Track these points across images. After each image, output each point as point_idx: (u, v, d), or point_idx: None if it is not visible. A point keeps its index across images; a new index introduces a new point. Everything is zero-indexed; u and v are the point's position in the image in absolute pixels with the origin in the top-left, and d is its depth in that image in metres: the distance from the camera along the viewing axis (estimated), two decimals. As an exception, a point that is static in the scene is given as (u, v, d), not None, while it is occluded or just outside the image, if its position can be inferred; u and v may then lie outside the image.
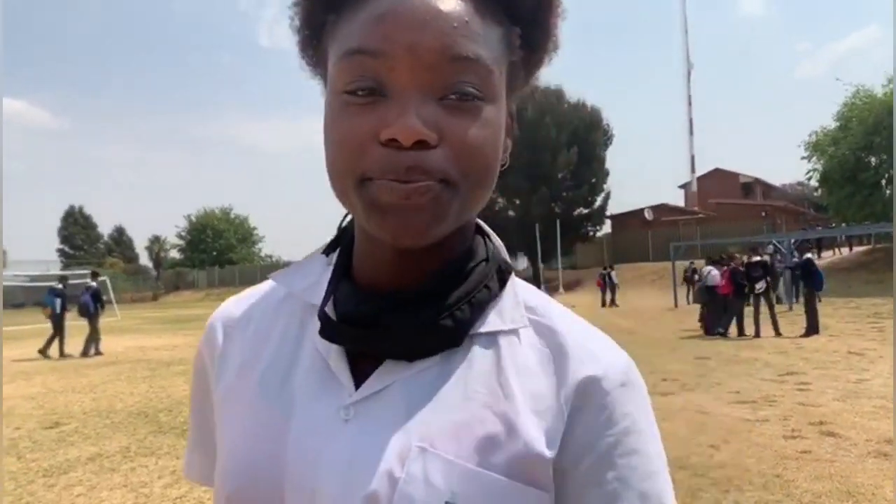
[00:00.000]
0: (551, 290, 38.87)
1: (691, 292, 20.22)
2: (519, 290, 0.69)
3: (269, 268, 66.25)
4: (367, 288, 0.66)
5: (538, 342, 0.66)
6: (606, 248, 48.13)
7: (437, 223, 0.58)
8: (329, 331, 0.64)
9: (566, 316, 0.70)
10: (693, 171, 56.58)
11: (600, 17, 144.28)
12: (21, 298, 59.50)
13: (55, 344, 14.84)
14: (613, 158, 55.56)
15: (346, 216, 0.73)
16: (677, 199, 57.05)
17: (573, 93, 47.04)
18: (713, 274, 15.23)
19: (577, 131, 43.66)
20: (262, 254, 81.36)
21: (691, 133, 57.19)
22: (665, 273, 29.81)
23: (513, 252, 51.81)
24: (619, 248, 46.71)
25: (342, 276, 0.68)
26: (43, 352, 14.61)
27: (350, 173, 0.58)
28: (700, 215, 47.31)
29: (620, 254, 44.76)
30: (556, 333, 0.67)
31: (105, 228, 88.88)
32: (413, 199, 0.56)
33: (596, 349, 0.68)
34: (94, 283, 16.63)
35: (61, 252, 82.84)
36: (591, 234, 47.75)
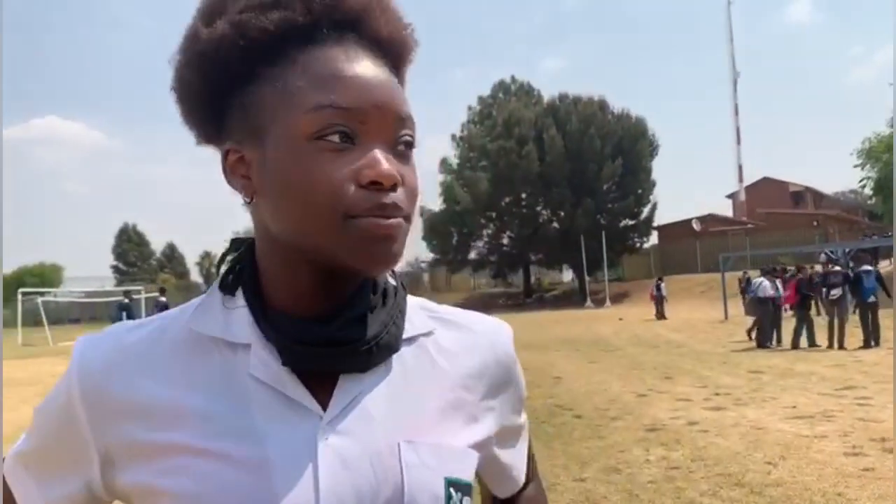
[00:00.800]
0: (598, 302, 38.48)
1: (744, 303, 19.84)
2: (413, 300, 0.79)
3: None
4: (291, 315, 0.70)
5: (447, 333, 0.78)
6: (654, 259, 47.47)
7: (400, 252, 0.67)
8: (293, 356, 0.67)
9: (452, 309, 0.83)
10: (741, 180, 55.56)
11: (643, 28, 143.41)
12: (77, 314, 61.06)
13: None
14: (660, 169, 55.12)
15: (222, 258, 0.77)
16: (725, 210, 56.08)
17: (617, 103, 46.64)
18: (764, 285, 14.93)
19: (621, 142, 43.26)
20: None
21: (738, 142, 56.21)
22: (714, 284, 29.25)
23: (557, 264, 51.68)
24: (666, 260, 46.02)
25: (260, 310, 0.71)
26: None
27: (333, 211, 0.64)
28: (749, 225, 46.41)
29: (668, 265, 44.09)
30: (454, 322, 0.80)
31: (157, 245, 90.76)
32: (392, 232, 0.65)
33: (490, 329, 0.83)
34: (163, 298, 17.13)
35: (115, 268, 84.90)
36: (638, 245, 47.17)
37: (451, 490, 0.68)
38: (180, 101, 0.73)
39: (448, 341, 0.77)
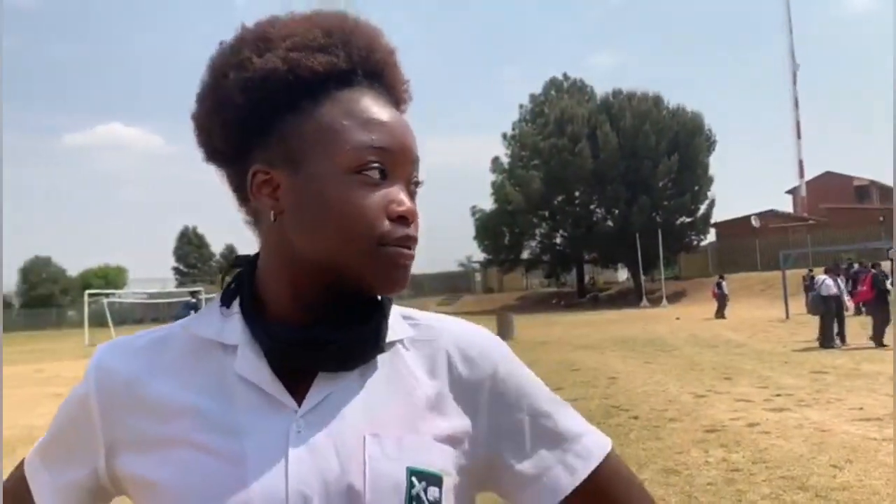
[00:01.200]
0: (654, 302, 37.92)
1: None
2: (396, 309, 0.85)
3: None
4: (285, 323, 0.78)
5: (422, 338, 0.84)
6: (711, 257, 46.55)
7: (409, 278, 0.77)
8: (276, 356, 0.76)
9: (431, 315, 0.88)
10: (802, 175, 54.08)
11: (698, 20, 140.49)
12: (140, 314, 62.82)
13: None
14: (717, 164, 53.91)
15: (226, 273, 0.86)
16: (785, 205, 54.66)
17: (672, 99, 45.87)
18: (827, 283, 14.51)
19: (677, 138, 42.53)
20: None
21: (799, 136, 54.78)
22: (774, 283, 28.55)
23: (612, 263, 51.08)
24: (724, 258, 45.07)
25: (255, 317, 0.79)
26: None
27: (369, 239, 0.74)
28: (811, 221, 45.15)
29: (726, 263, 43.17)
30: (431, 328, 0.85)
31: (217, 247, 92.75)
32: (410, 262, 0.77)
33: (465, 332, 0.87)
34: (194, 300, 17.61)
35: (176, 270, 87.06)
36: (696, 243, 46.28)
37: (414, 479, 0.73)
38: (216, 117, 0.79)
39: (421, 344, 0.83)
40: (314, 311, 0.78)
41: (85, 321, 36.15)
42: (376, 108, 0.77)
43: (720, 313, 26.05)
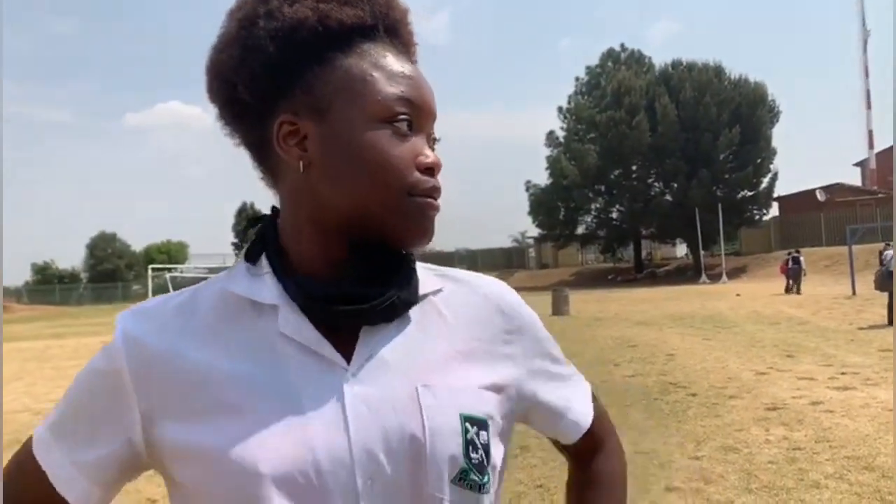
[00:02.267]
0: (713, 278, 37.18)
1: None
2: (420, 264, 0.85)
3: (423, 258, 67.89)
4: (315, 280, 0.77)
5: (453, 289, 0.86)
6: (774, 232, 45.32)
7: (434, 229, 0.79)
8: (319, 314, 0.75)
9: (455, 270, 0.91)
10: (871, 146, 51.97)
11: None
12: (202, 289, 64.33)
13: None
14: (780, 136, 52.12)
15: (245, 231, 0.86)
16: (853, 178, 52.72)
17: (734, 69, 44.54)
18: (897, 258, 13.96)
19: (739, 109, 41.35)
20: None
21: (869, 106, 52.56)
22: (840, 258, 27.68)
23: (670, 238, 50.25)
24: (787, 233, 43.85)
25: (283, 274, 0.78)
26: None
27: (400, 188, 0.75)
28: (880, 195, 43.43)
29: (789, 238, 41.99)
30: (459, 280, 0.88)
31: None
32: (436, 212, 0.78)
33: (492, 285, 0.91)
34: None
35: (235, 245, 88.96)
36: (757, 217, 45.08)
37: (467, 425, 0.75)
38: (244, 67, 0.77)
39: (455, 296, 0.86)
40: (341, 267, 0.78)
41: (149, 295, 37.35)
42: (401, 62, 0.79)
43: (795, 289, 25.33)
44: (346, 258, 0.78)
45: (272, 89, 0.77)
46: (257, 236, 0.82)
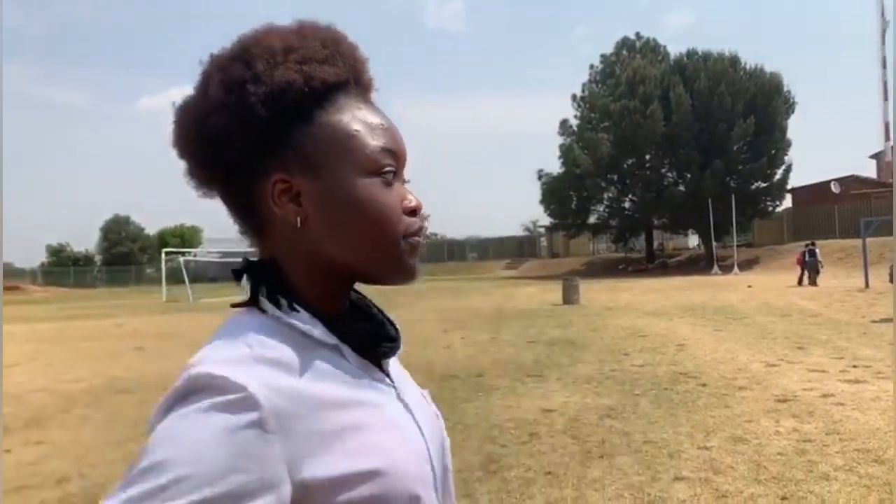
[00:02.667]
0: (725, 269, 37.04)
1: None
2: None
3: (434, 246, 68.00)
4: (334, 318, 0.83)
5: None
6: (787, 224, 45.06)
7: None
8: (375, 352, 0.86)
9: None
10: (888, 138, 51.37)
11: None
12: (215, 273, 64.67)
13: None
14: (795, 127, 51.63)
15: (242, 275, 0.83)
16: (869, 171, 52.23)
17: (750, 59, 44.10)
18: (913, 252, 13.87)
19: (754, 100, 41.04)
20: (428, 231, 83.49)
21: (886, 97, 51.98)
22: (853, 251, 27.50)
23: (682, 229, 50.03)
24: (800, 225, 43.58)
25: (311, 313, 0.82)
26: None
27: (395, 235, 0.82)
28: (894, 188, 43.08)
29: (802, 230, 41.74)
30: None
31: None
32: (421, 250, 0.86)
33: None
34: None
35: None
36: (771, 209, 44.82)
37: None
38: (237, 132, 0.78)
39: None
40: (338, 304, 0.86)
41: (163, 278, 37.60)
42: (377, 114, 0.85)
43: (810, 281, 25.21)
44: (341, 296, 0.87)
45: (263, 151, 0.80)
46: (266, 283, 0.81)
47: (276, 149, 0.80)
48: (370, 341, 0.85)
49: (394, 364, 0.91)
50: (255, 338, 0.76)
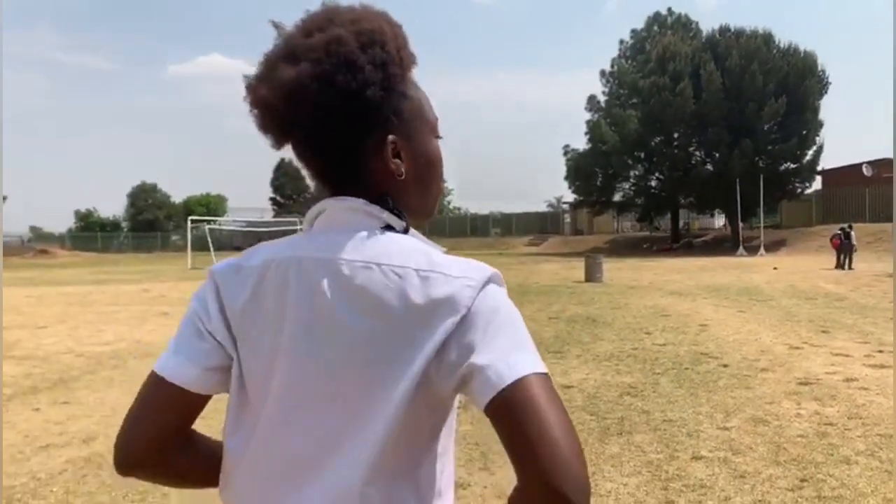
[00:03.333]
0: (751, 250, 36.66)
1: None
2: None
3: (457, 220, 68.01)
4: None
5: None
6: (815, 206, 44.41)
7: None
8: None
9: None
10: (924, 121, 50.30)
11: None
12: (240, 241, 65.19)
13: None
14: (828, 108, 50.59)
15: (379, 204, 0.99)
16: (903, 154, 51.16)
17: (784, 37, 43.22)
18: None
19: (787, 79, 40.26)
20: (451, 206, 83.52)
21: (924, 79, 50.74)
22: (884, 235, 27.07)
23: (709, 209, 49.51)
24: (830, 207, 42.96)
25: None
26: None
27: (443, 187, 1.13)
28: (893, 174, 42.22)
29: (832, 213, 41.17)
30: None
31: (311, 180, 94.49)
32: None
33: None
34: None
35: (273, 201, 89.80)
36: (800, 191, 44.17)
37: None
38: (354, 102, 0.94)
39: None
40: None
41: (188, 246, 38.02)
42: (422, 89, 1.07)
43: (848, 264, 24.91)
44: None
45: (382, 116, 0.98)
46: (395, 212, 1.00)
47: (389, 115, 0.98)
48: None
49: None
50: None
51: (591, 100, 48.00)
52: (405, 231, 1.00)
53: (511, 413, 0.83)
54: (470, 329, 0.88)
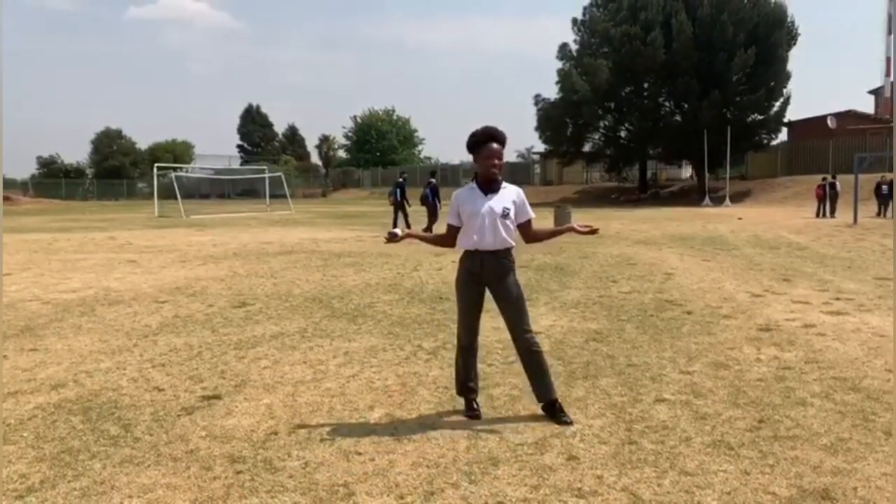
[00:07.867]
0: (716, 201, 37.13)
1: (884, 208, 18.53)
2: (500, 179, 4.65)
3: (429, 170, 67.66)
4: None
5: (507, 185, 4.45)
6: (781, 158, 44.94)
7: None
8: (490, 190, 4.40)
9: (507, 183, 4.60)
10: (888, 74, 50.81)
11: None
12: (207, 189, 64.19)
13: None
14: (795, 60, 50.67)
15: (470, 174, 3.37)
16: (867, 106, 51.82)
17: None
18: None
19: (756, 30, 40.31)
20: (422, 155, 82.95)
21: (889, 32, 51.09)
22: (845, 187, 27.52)
23: (676, 160, 49.81)
24: (795, 159, 43.53)
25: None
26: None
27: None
28: (892, 124, 42.83)
29: (796, 164, 41.75)
30: (508, 185, 4.57)
31: (279, 127, 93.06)
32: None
33: (515, 186, 4.70)
34: (433, 180, 21.63)
35: (241, 148, 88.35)
36: (766, 142, 44.61)
37: (507, 205, 4.33)
38: (488, 149, 4.29)
39: (506, 187, 4.36)
40: (485, 184, 4.37)
41: (154, 193, 37.40)
42: (491, 148, 4.26)
43: (830, 213, 25.46)
44: (485, 183, 4.40)
45: (479, 148, 4.29)
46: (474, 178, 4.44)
47: (480, 148, 4.24)
48: (485, 190, 4.29)
49: (502, 192, 4.30)
50: (468, 186, 4.40)
51: (563, 48, 47.57)
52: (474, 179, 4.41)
53: (528, 224, 4.42)
54: (524, 202, 4.39)
